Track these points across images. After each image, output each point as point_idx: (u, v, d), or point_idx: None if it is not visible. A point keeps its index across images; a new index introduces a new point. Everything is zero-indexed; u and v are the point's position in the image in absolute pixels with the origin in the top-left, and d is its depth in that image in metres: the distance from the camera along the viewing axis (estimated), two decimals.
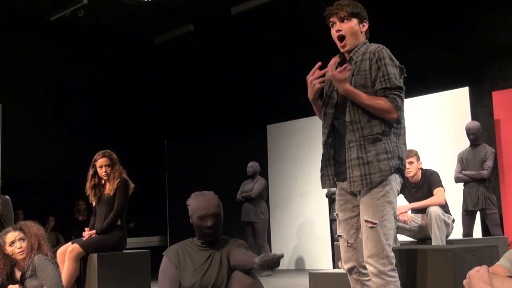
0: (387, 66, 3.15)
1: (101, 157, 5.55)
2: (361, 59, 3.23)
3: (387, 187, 3.13)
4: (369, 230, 3.11)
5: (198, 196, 3.46)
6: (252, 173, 9.24)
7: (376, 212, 3.11)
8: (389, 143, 3.16)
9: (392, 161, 3.14)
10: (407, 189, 5.84)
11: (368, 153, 3.13)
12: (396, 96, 3.12)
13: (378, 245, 3.08)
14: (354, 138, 3.17)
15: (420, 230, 5.64)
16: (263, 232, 9.05)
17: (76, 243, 5.31)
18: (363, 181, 3.13)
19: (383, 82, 3.14)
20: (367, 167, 3.12)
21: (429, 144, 8.38)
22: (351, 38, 3.26)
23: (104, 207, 5.49)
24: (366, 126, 3.16)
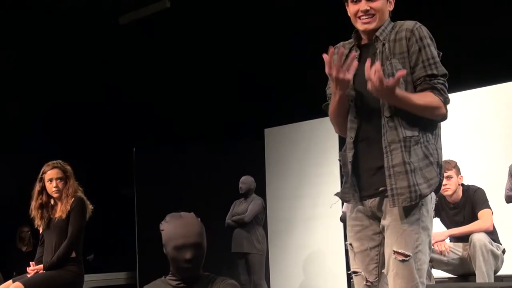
0: (430, 47, 3.16)
1: (51, 168, 5.54)
2: (394, 39, 3.22)
3: (423, 209, 3.11)
4: (400, 265, 3.09)
5: (175, 220, 3.44)
6: (245, 190, 9.24)
7: (409, 241, 3.08)
8: (428, 145, 3.15)
9: (436, 168, 3.14)
10: (445, 210, 5.85)
11: (413, 157, 3.09)
12: (444, 87, 3.13)
13: (411, 284, 3.07)
14: (397, 138, 3.11)
15: (461, 264, 5.65)
16: (259, 266, 9.04)
17: (18, 281, 5.29)
18: (412, 193, 3.06)
19: (428, 67, 3.13)
20: (414, 175, 3.07)
21: (472, 153, 8.38)
22: (381, 18, 3.27)
23: (54, 234, 5.47)
24: (410, 123, 3.12)
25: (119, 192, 11.13)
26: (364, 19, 3.26)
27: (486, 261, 5.42)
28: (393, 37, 3.23)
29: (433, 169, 3.11)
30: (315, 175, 10.14)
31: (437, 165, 3.14)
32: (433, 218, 3.22)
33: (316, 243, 10.13)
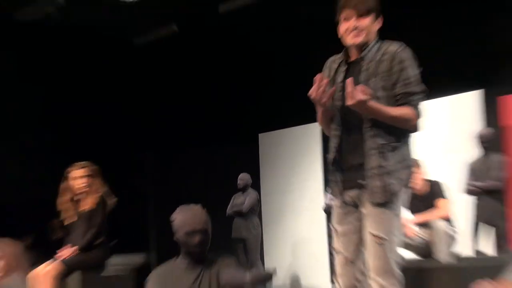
0: (408, 69, 3.17)
1: (78, 168, 5.55)
2: (379, 60, 3.22)
3: (395, 200, 3.16)
4: (376, 246, 3.13)
5: (185, 211, 3.46)
6: (243, 186, 9.26)
7: (385, 226, 3.12)
8: (404, 150, 3.20)
9: (409, 169, 3.20)
10: (411, 201, 5.87)
11: (389, 161, 3.13)
12: (417, 103, 3.17)
13: (386, 262, 3.10)
14: (375, 145, 3.15)
15: (424, 246, 5.66)
16: (255, 248, 9.06)
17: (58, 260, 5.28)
18: (385, 192, 3.12)
19: (405, 86, 3.16)
20: (389, 177, 3.13)
21: (436, 152, 8.41)
22: (368, 34, 3.25)
23: (82, 224, 5.49)
24: (386, 132, 3.15)
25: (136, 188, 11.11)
26: (354, 34, 3.24)
27: (447, 244, 5.45)
28: (379, 58, 3.22)
29: (406, 171, 3.16)
30: (301, 173, 10.16)
31: (410, 168, 3.22)
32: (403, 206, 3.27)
33: (303, 229, 10.14)
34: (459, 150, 8.29)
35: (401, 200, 3.20)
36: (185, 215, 3.43)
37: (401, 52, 3.19)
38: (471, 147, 7.65)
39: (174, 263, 3.50)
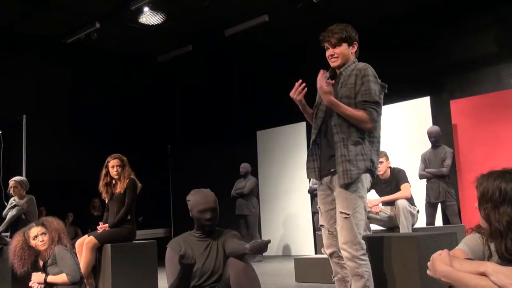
0: (369, 83, 3.19)
1: (113, 159, 5.52)
2: (349, 74, 3.28)
3: (359, 184, 3.17)
4: (344, 220, 3.15)
5: (197, 193, 3.45)
6: (244, 172, 9.25)
7: (350, 205, 3.15)
8: (365, 147, 3.20)
9: (366, 162, 3.19)
10: (378, 185, 5.85)
11: (350, 152, 3.17)
12: (373, 110, 3.16)
13: (352, 233, 3.12)
14: (339, 139, 3.20)
15: (389, 220, 5.65)
16: (254, 223, 9.05)
17: (92, 235, 5.28)
18: (345, 175, 3.15)
19: (364, 95, 3.17)
20: (348, 164, 3.16)
21: (397, 146, 8.41)
22: (342, 59, 3.32)
23: (115, 204, 5.45)
24: (347, 131, 3.20)
25: (160, 175, 11.10)
26: (332, 60, 3.35)
27: (406, 218, 5.43)
28: (349, 73, 3.29)
29: (363, 163, 3.17)
30: (291, 162, 10.15)
31: (369, 161, 3.21)
32: (367, 191, 3.27)
33: (292, 207, 10.14)
34: (414, 143, 8.30)
35: (365, 185, 3.20)
36: (197, 196, 3.41)
37: (365, 70, 3.23)
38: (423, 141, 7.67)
39: (189, 234, 3.48)
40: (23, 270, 4.30)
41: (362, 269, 3.10)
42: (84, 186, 9.19)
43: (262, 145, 10.87)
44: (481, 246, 2.22)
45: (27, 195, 6.72)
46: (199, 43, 9.99)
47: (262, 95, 10.77)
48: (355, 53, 3.36)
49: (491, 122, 7.70)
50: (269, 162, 10.63)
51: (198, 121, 11.56)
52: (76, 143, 9.85)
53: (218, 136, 11.32)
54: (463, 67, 8.41)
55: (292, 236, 10.08)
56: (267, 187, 10.56)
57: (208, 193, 3.45)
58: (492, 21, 8.13)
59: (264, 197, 10.55)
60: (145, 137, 10.90)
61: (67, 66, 10.06)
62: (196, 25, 9.30)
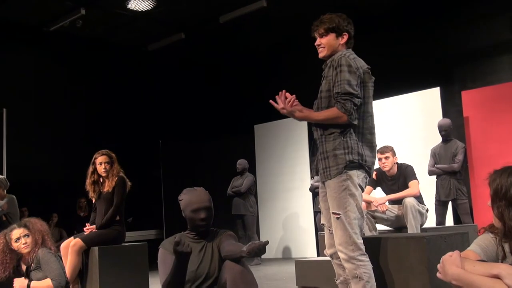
0: (342, 73, 3.19)
1: (101, 155, 5.52)
2: (329, 66, 3.31)
3: (348, 181, 3.19)
4: (336, 221, 3.20)
5: (190, 192, 3.46)
6: (241, 169, 9.24)
7: (340, 204, 3.19)
8: (349, 140, 3.21)
9: (349, 155, 3.19)
10: (384, 182, 5.86)
11: (328, 148, 3.24)
12: (346, 101, 3.16)
13: (345, 234, 3.15)
14: (317, 136, 3.30)
15: (397, 220, 5.66)
16: (252, 224, 9.05)
17: (78, 237, 5.28)
18: (325, 173, 3.24)
19: (337, 87, 3.20)
20: (327, 161, 3.22)
21: (404, 140, 8.42)
22: (328, 50, 3.36)
23: (103, 203, 5.46)
24: (326, 125, 3.25)
25: (151, 172, 11.10)
26: (319, 50, 3.40)
27: (415, 217, 5.44)
28: (329, 65, 3.32)
29: (344, 158, 3.18)
30: (291, 158, 10.14)
31: (357, 154, 3.21)
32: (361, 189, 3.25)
33: (292, 207, 10.15)
34: (423, 137, 8.31)
35: (355, 181, 3.20)
36: (190, 195, 3.42)
37: (339, 59, 3.24)
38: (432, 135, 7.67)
39: (182, 235, 3.47)
40: (5, 275, 4.30)
41: (360, 270, 3.13)
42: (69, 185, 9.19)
43: (260, 139, 10.87)
44: (494, 246, 2.23)
45: (7, 194, 6.71)
46: (192, 30, 9.98)
47: (260, 86, 10.76)
48: (346, 44, 3.36)
49: (505, 114, 7.70)
50: (268, 158, 10.63)
51: (192, 114, 11.56)
52: (60, 138, 9.84)
53: (213, 131, 11.33)
54: (475, 55, 8.41)
55: (292, 237, 10.09)
56: (266, 185, 10.56)
57: (201, 191, 3.45)
58: (506, 6, 8.12)
59: (263, 196, 10.56)
60: (135, 131, 10.89)
61: (51, 56, 10.04)
62: (189, 11, 9.28)
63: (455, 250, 2.16)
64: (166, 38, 10.34)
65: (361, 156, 3.22)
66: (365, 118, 3.28)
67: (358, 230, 3.18)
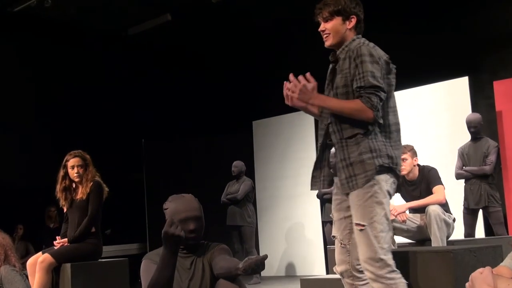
0: (363, 64, 3.20)
1: (73, 157, 5.51)
2: (344, 58, 3.31)
3: (375, 187, 3.19)
4: (359, 233, 3.19)
5: (177, 199, 3.45)
6: (237, 173, 9.24)
7: (365, 214, 3.18)
8: (375, 141, 3.21)
9: (378, 159, 3.19)
10: (404, 187, 5.85)
11: (351, 153, 3.22)
12: (371, 95, 3.16)
13: (371, 248, 3.15)
14: (336, 140, 3.29)
15: (419, 231, 5.65)
16: (250, 236, 9.05)
17: (47, 252, 5.27)
18: (349, 183, 3.22)
19: (358, 80, 3.20)
20: (351, 168, 3.21)
21: (426, 138, 8.41)
22: (335, 36, 3.37)
23: (76, 213, 5.45)
24: (346, 127, 3.24)
25: (132, 176, 11.09)
26: (324, 37, 3.41)
27: (440, 228, 5.43)
28: (343, 56, 3.32)
29: (373, 162, 3.18)
30: (295, 159, 10.14)
31: (386, 157, 3.22)
32: (389, 196, 3.27)
33: (297, 216, 10.14)
34: (449, 135, 8.30)
35: (384, 188, 3.22)
36: (177, 203, 3.42)
37: (358, 49, 3.25)
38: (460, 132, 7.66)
39: None
40: None
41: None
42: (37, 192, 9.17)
43: (259, 138, 10.86)
44: None
45: None
46: (180, 12, 9.96)
47: (259, 76, 10.75)
48: (354, 29, 3.38)
49: None
50: (269, 159, 10.63)
51: (179, 109, 11.54)
52: (26, 138, 9.82)
53: (204, 128, 11.31)
54: (509, 40, 8.40)
55: (297, 252, 10.09)
56: (266, 191, 10.56)
57: (190, 199, 3.45)
58: None
59: (262, 204, 10.55)
60: (113, 129, 10.88)
61: (14, 41, 10.00)
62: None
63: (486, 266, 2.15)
64: (149, 20, 10.33)
65: (391, 159, 3.24)
66: (389, 114, 3.30)
67: (385, 244, 3.18)
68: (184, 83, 11.64)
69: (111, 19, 10.39)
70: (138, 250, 10.84)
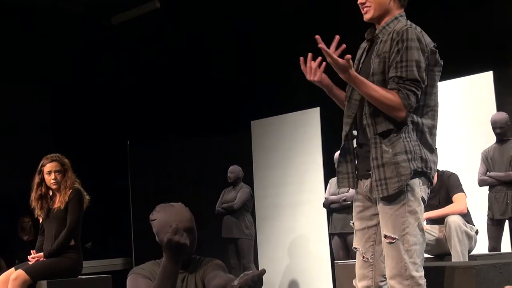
0: (409, 51, 3.13)
1: (50, 161, 5.51)
2: (385, 39, 3.24)
3: (408, 194, 3.15)
4: (388, 247, 3.16)
5: (166, 209, 3.44)
6: (234, 179, 9.24)
7: (396, 225, 3.14)
8: (410, 141, 3.17)
9: (413, 163, 3.15)
10: None
11: (384, 153, 3.15)
12: (410, 92, 3.11)
13: (400, 264, 3.12)
14: (371, 135, 3.20)
15: (437, 244, 5.67)
16: (248, 250, 9.05)
17: (20, 268, 5.28)
18: (379, 187, 3.15)
19: (399, 69, 3.13)
20: (383, 170, 3.14)
21: (446, 141, 8.40)
22: (378, 8, 3.28)
23: (53, 224, 5.45)
24: (381, 120, 3.17)
25: (114, 183, 11.10)
26: (363, 9, 3.31)
27: (460, 241, 5.44)
28: (385, 38, 3.24)
29: (408, 166, 3.12)
30: (299, 164, 10.13)
31: (420, 161, 3.17)
32: (423, 204, 3.23)
33: (301, 228, 10.14)
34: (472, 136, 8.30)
35: (418, 195, 3.18)
36: (167, 214, 3.40)
37: (404, 32, 3.17)
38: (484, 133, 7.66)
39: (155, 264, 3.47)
40: None
41: None
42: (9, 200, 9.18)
43: (258, 140, 10.86)
44: None
45: None
46: None
47: (259, 72, 10.76)
48: (399, 3, 3.34)
49: None
50: (269, 164, 10.63)
51: (169, 108, 11.55)
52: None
53: (196, 129, 11.32)
54: None
55: (301, 268, 10.09)
56: (266, 200, 10.56)
57: (181, 208, 3.45)
58: None
59: (262, 214, 10.55)
60: (95, 129, 10.90)
61: None
62: None
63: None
64: (135, 7, 10.34)
65: (425, 162, 3.20)
66: (425, 113, 3.25)
67: (418, 258, 3.15)
68: (174, 79, 11.64)
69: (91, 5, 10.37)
70: (123, 265, 10.85)
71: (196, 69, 11.53)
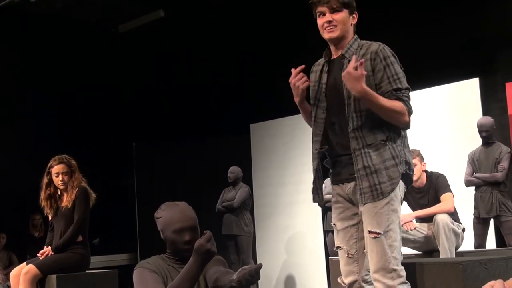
0: (394, 65, 3.28)
1: (58, 163, 5.51)
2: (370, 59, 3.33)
3: (391, 194, 3.24)
4: (373, 242, 3.21)
5: (171, 207, 3.44)
6: (233, 179, 9.23)
7: (381, 222, 3.21)
8: (395, 147, 3.28)
9: (400, 166, 3.27)
10: (411, 194, 5.85)
11: (374, 160, 3.24)
12: (408, 99, 3.26)
13: (384, 258, 3.18)
14: (357, 147, 3.28)
15: (426, 241, 5.66)
16: (247, 246, 9.04)
17: (31, 263, 5.27)
18: (373, 192, 3.23)
19: (393, 82, 3.26)
20: (375, 176, 3.23)
21: (434, 143, 8.41)
22: (342, 29, 3.37)
23: (61, 221, 5.45)
24: (369, 133, 3.27)
25: (120, 183, 11.09)
26: (329, 29, 3.37)
27: (448, 239, 5.43)
28: (369, 57, 3.33)
29: (397, 169, 3.24)
30: (296, 165, 10.13)
31: (405, 164, 3.29)
32: (401, 203, 3.34)
33: (298, 225, 10.14)
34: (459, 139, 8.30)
35: (398, 195, 3.28)
36: (171, 212, 3.40)
37: (383, 51, 3.30)
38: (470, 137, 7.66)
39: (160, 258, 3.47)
40: None
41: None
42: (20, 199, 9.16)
43: (257, 142, 10.86)
44: None
45: None
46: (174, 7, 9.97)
47: (258, 77, 10.75)
48: (354, 26, 3.43)
49: None
50: (267, 165, 10.62)
51: (172, 111, 11.54)
52: (9, 141, 9.81)
53: (198, 131, 11.31)
54: None
55: (298, 264, 10.08)
56: (264, 199, 10.55)
57: (184, 207, 3.45)
58: None
59: (261, 212, 10.54)
60: (102, 131, 10.88)
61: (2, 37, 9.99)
62: None
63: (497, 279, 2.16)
64: (141, 16, 10.34)
65: (409, 165, 3.32)
66: None
67: (398, 254, 3.23)
68: (178, 83, 11.63)
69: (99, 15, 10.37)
70: (128, 260, 10.83)
71: (199, 74, 11.52)
